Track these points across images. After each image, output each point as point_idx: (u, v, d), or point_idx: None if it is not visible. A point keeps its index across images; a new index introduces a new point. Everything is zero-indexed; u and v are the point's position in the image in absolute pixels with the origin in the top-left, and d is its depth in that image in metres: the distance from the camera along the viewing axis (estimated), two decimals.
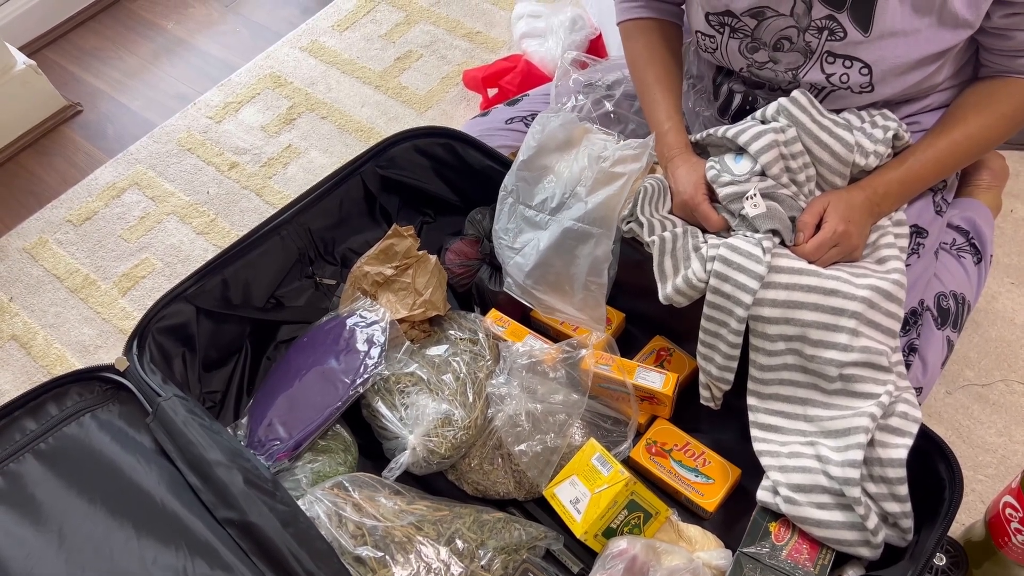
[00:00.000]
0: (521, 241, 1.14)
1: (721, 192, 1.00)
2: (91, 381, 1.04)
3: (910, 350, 1.04)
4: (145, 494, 0.92)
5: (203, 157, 1.65)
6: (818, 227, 0.96)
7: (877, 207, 0.99)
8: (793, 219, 0.98)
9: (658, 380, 1.07)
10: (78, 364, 1.35)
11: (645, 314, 1.20)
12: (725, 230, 1.01)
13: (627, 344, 1.19)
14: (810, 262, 0.94)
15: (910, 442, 0.89)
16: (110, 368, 1.04)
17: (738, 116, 1.12)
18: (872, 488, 0.90)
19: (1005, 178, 1.33)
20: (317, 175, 1.54)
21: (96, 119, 1.79)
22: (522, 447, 1.04)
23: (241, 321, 1.20)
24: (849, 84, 0.98)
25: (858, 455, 0.88)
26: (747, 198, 0.97)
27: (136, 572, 0.86)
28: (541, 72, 1.59)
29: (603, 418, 1.10)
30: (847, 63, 0.97)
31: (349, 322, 1.14)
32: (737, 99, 1.11)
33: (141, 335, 1.08)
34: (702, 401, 1.04)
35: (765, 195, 0.98)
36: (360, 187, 1.28)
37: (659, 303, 1.02)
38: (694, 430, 1.10)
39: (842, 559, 0.94)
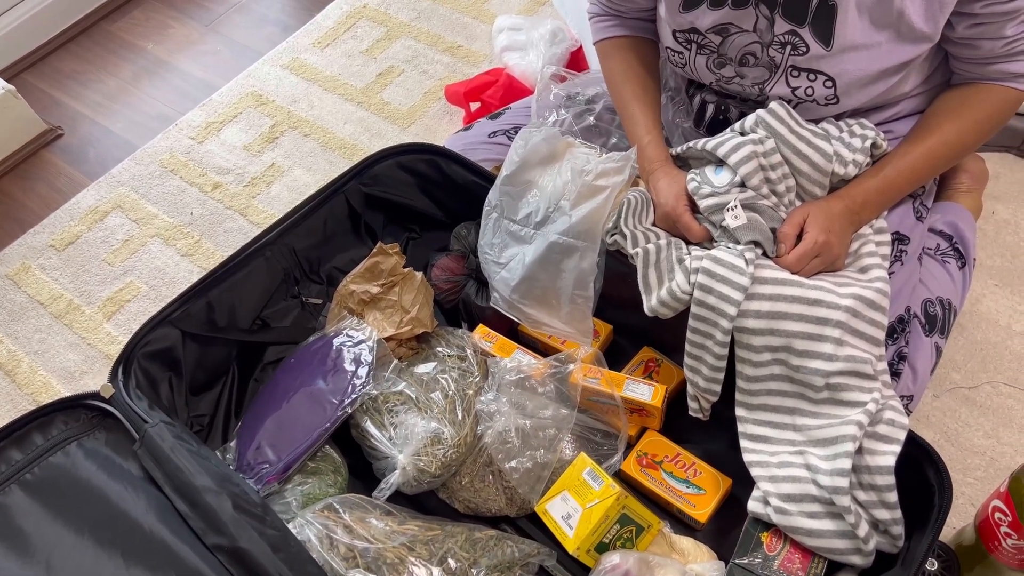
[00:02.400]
0: (506, 256, 1.14)
1: (702, 204, 1.00)
2: (76, 409, 1.03)
3: (899, 358, 1.05)
4: (133, 522, 0.92)
5: (186, 178, 1.64)
6: (799, 238, 0.97)
7: (857, 216, 0.99)
8: (774, 230, 0.98)
9: (647, 392, 1.07)
10: (64, 391, 1.34)
11: (632, 326, 1.20)
12: (707, 241, 1.02)
13: (615, 356, 1.19)
14: (792, 273, 0.95)
15: (898, 449, 0.89)
16: (95, 395, 1.03)
17: (713, 127, 1.13)
18: (862, 496, 0.90)
19: (985, 180, 1.34)
20: (301, 193, 1.54)
21: (77, 142, 1.78)
22: (512, 463, 1.03)
23: (227, 343, 1.19)
24: (814, 97, 0.99)
25: (846, 464, 0.88)
26: (728, 209, 0.97)
27: None
28: (523, 85, 1.60)
29: (593, 431, 1.10)
30: (811, 76, 0.98)
31: (336, 342, 1.13)
32: (710, 109, 1.12)
33: (126, 361, 1.07)
34: (691, 412, 1.04)
35: (746, 206, 0.98)
36: (344, 205, 1.27)
37: (645, 315, 1.03)
38: (684, 441, 1.10)
39: (834, 568, 0.94)
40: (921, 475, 0.93)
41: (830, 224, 0.96)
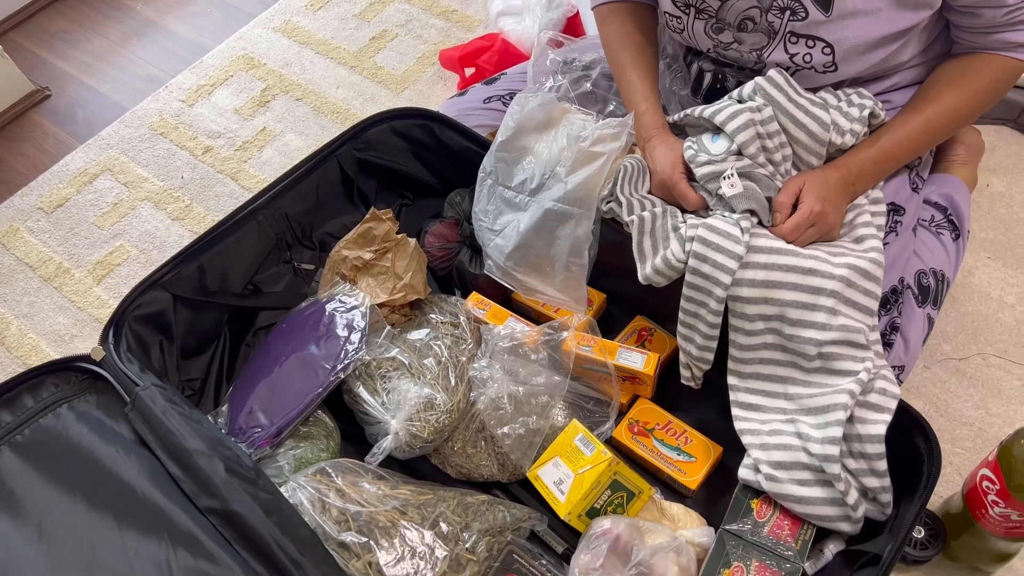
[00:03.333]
0: (501, 223, 1.13)
1: (698, 172, 0.99)
2: (67, 372, 1.02)
3: (892, 329, 1.05)
4: (125, 485, 0.92)
5: (176, 141, 1.62)
6: (795, 207, 0.97)
7: (852, 186, 0.99)
8: (770, 199, 0.98)
9: (640, 360, 1.07)
10: (53, 354, 1.33)
11: (626, 295, 1.20)
12: (703, 209, 1.01)
13: (609, 325, 1.19)
14: (788, 242, 0.94)
15: (889, 418, 0.90)
16: (86, 358, 1.02)
17: (710, 95, 1.12)
18: (852, 464, 0.91)
19: (981, 153, 1.34)
20: (293, 158, 1.52)
21: (65, 104, 1.75)
22: (505, 430, 1.03)
23: (219, 308, 1.19)
24: (812, 64, 0.99)
25: (837, 432, 0.88)
26: (724, 178, 0.97)
27: (118, 564, 0.85)
28: (518, 50, 1.58)
29: (585, 399, 1.11)
30: (810, 43, 0.97)
31: (328, 307, 1.13)
32: (708, 78, 1.11)
33: (117, 324, 1.06)
34: (683, 381, 1.04)
35: (742, 175, 0.97)
36: (337, 170, 1.26)
37: (640, 284, 1.02)
38: (676, 409, 1.10)
39: (823, 534, 0.95)
40: (911, 444, 0.94)
41: (826, 194, 0.96)
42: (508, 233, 1.12)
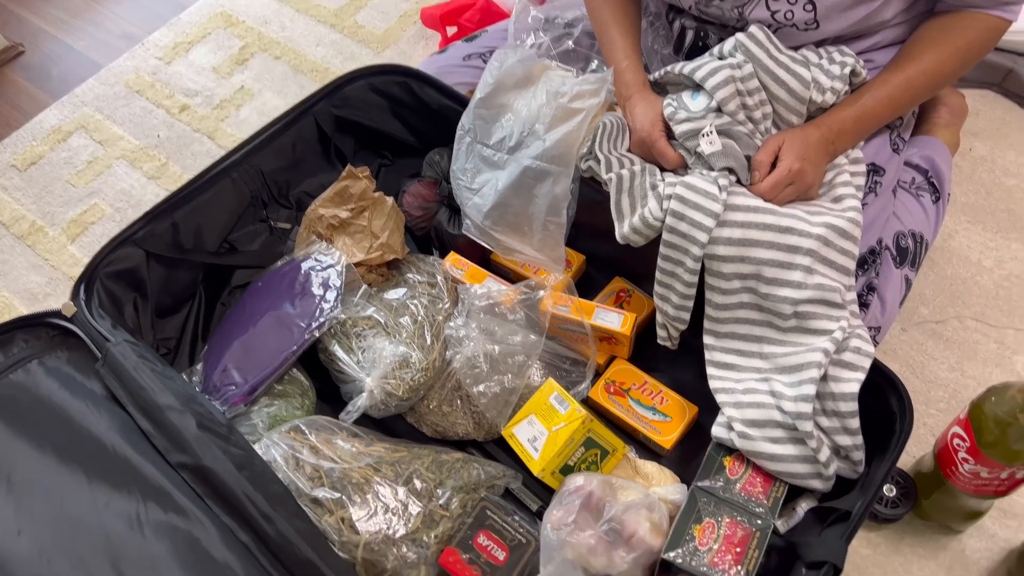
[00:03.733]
0: (479, 181, 1.12)
1: (678, 129, 0.98)
2: (37, 327, 1.01)
3: (868, 289, 1.05)
4: (96, 440, 0.91)
5: (153, 99, 1.59)
6: (774, 165, 0.96)
7: (832, 145, 0.98)
8: (749, 158, 0.97)
9: (616, 320, 1.07)
10: (26, 312, 1.31)
11: (605, 256, 1.20)
12: (682, 167, 1.00)
13: (587, 286, 1.19)
14: (766, 201, 0.94)
15: (862, 376, 0.90)
16: (57, 314, 1.01)
17: (692, 53, 1.10)
18: (825, 422, 0.91)
19: (964, 116, 1.33)
20: (271, 117, 1.48)
21: (39, 60, 1.72)
22: (480, 388, 1.03)
23: (194, 266, 1.17)
24: (794, 21, 0.97)
25: (811, 390, 0.88)
26: (703, 135, 0.96)
27: (88, 518, 0.84)
28: (500, 9, 1.55)
29: (562, 359, 1.10)
30: (791, 0, 0.95)
31: (304, 266, 1.12)
32: (690, 36, 1.09)
33: (88, 280, 1.05)
34: (659, 341, 1.04)
35: (721, 132, 0.96)
36: (314, 128, 1.24)
37: (618, 244, 1.02)
38: (653, 369, 1.10)
39: (795, 492, 0.95)
40: (884, 403, 0.95)
41: (805, 152, 0.95)
42: (486, 192, 1.11)
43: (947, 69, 0.99)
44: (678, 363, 1.10)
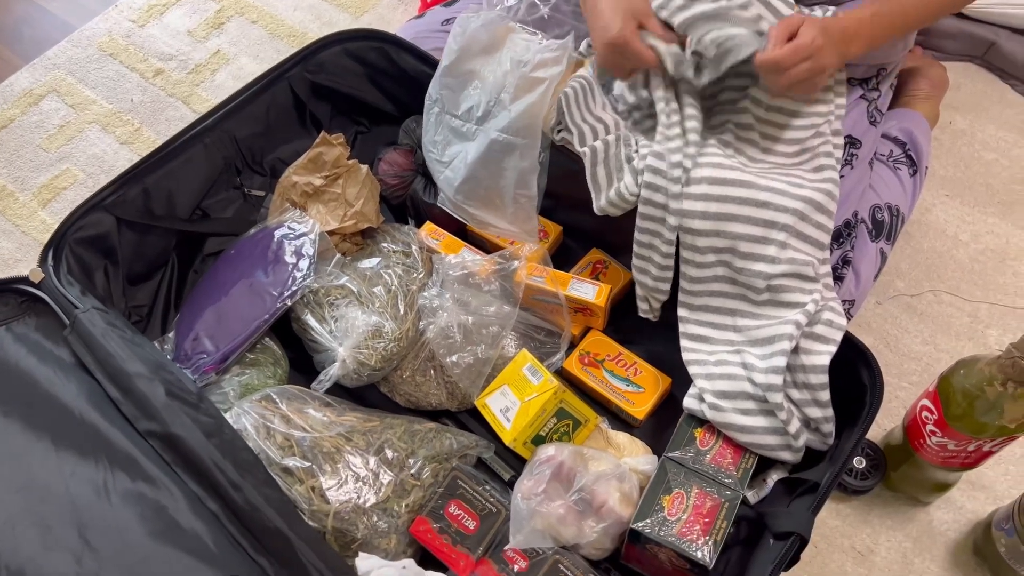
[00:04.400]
0: (449, 154, 1.11)
1: (679, 18, 0.91)
2: (5, 293, 1.00)
3: (843, 263, 1.05)
4: (63, 407, 0.90)
5: (126, 63, 1.56)
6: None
7: (846, 45, 0.92)
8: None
9: (591, 291, 1.06)
10: None
11: (582, 227, 1.19)
12: (661, 70, 0.94)
13: (564, 257, 1.18)
14: (782, 70, 0.88)
15: (833, 349, 0.90)
16: (24, 280, 1.00)
17: None
18: (795, 394, 0.91)
19: (944, 88, 1.32)
20: (246, 82, 1.47)
21: (11, 22, 1.68)
22: (454, 358, 1.03)
23: (166, 233, 1.16)
24: None
25: (781, 362, 0.89)
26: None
27: (54, 485, 0.84)
28: None
29: (536, 329, 1.10)
30: None
31: (277, 234, 1.10)
32: None
33: (57, 245, 1.03)
34: (640, 313, 1.04)
35: (720, 17, 0.90)
36: (288, 93, 1.22)
37: (596, 216, 1.01)
38: (628, 342, 1.10)
39: (765, 464, 0.96)
40: (855, 376, 0.95)
41: (827, 33, 0.89)
42: (456, 165, 1.09)
43: None
44: (653, 335, 1.10)
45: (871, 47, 0.96)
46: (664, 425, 1.05)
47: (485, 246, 1.19)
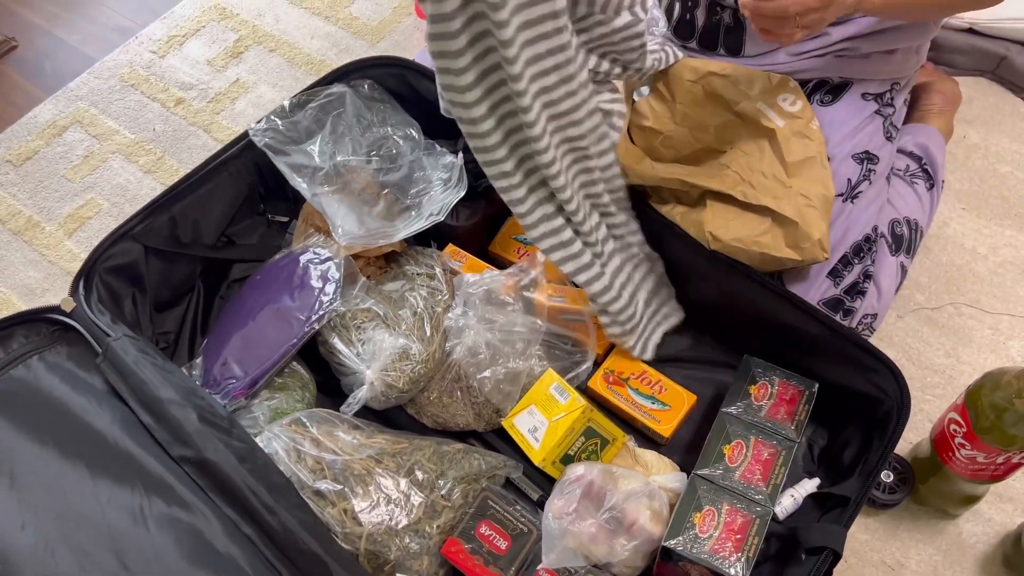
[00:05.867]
0: None
1: None
2: (37, 323, 1.01)
3: (865, 277, 1.06)
4: (97, 434, 0.91)
5: (147, 93, 1.59)
6: None
7: None
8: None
9: None
10: (24, 308, 1.31)
11: None
12: None
13: None
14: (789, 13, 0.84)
15: None
16: (56, 309, 1.01)
17: None
18: None
19: (957, 103, 1.33)
20: (266, 110, 1.48)
21: (33, 55, 1.71)
22: (485, 375, 1.03)
23: (192, 260, 1.17)
24: None
25: None
26: None
27: (91, 512, 0.85)
28: None
29: (563, 339, 1.10)
30: None
31: (303, 259, 1.12)
32: None
33: (87, 275, 1.05)
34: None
35: None
36: None
37: None
38: (653, 360, 1.11)
39: (794, 478, 0.96)
40: (881, 389, 0.95)
41: None
42: None
43: None
44: (677, 353, 1.11)
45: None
46: (691, 442, 1.06)
47: (507, 266, 1.20)
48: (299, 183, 1.10)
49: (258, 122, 1.14)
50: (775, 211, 0.96)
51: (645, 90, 1.08)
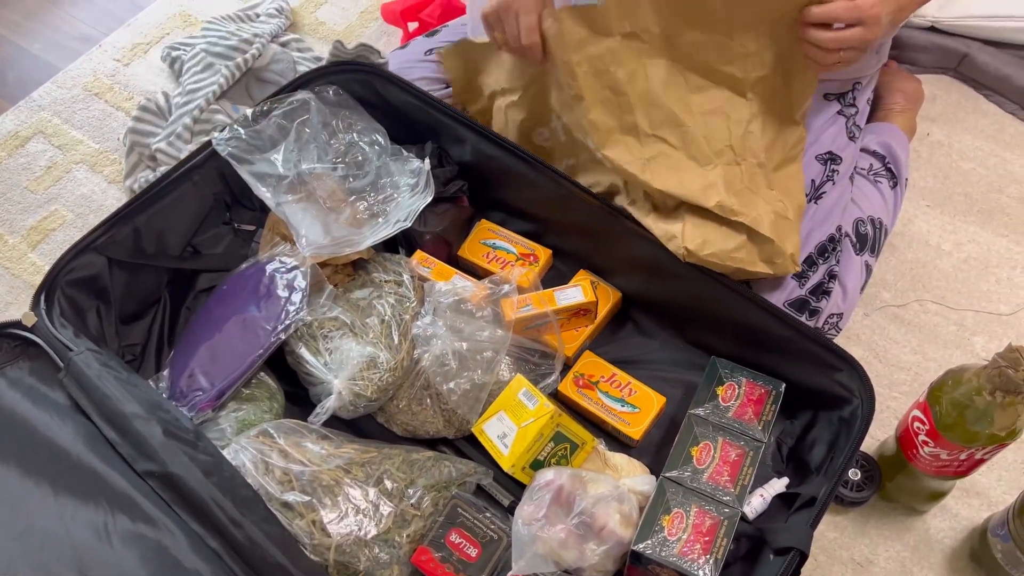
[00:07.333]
0: None
1: None
2: None
3: (830, 277, 1.07)
4: (61, 451, 0.90)
5: (112, 102, 1.57)
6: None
7: (900, 12, 0.89)
8: None
9: (577, 293, 1.08)
10: None
11: (570, 250, 1.20)
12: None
13: (554, 281, 1.19)
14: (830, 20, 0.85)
15: None
16: (17, 324, 1.00)
17: None
18: None
19: (919, 101, 1.35)
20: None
21: None
22: (451, 385, 1.03)
23: (157, 271, 1.16)
24: None
25: None
26: None
27: (54, 529, 0.84)
28: (460, 4, 1.55)
29: (530, 352, 1.11)
30: None
31: (269, 268, 1.11)
32: None
33: (49, 289, 1.03)
34: None
35: None
36: None
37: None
38: (620, 361, 1.11)
39: (761, 479, 0.97)
40: (846, 388, 0.96)
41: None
42: None
43: None
44: (645, 354, 1.12)
45: (910, 10, 0.94)
46: (660, 444, 1.06)
47: (476, 272, 1.20)
48: (263, 192, 1.09)
49: (221, 130, 1.13)
50: (751, 228, 0.96)
51: None
